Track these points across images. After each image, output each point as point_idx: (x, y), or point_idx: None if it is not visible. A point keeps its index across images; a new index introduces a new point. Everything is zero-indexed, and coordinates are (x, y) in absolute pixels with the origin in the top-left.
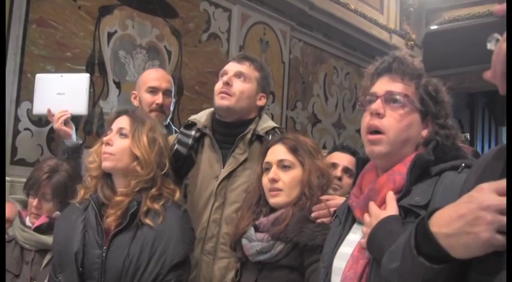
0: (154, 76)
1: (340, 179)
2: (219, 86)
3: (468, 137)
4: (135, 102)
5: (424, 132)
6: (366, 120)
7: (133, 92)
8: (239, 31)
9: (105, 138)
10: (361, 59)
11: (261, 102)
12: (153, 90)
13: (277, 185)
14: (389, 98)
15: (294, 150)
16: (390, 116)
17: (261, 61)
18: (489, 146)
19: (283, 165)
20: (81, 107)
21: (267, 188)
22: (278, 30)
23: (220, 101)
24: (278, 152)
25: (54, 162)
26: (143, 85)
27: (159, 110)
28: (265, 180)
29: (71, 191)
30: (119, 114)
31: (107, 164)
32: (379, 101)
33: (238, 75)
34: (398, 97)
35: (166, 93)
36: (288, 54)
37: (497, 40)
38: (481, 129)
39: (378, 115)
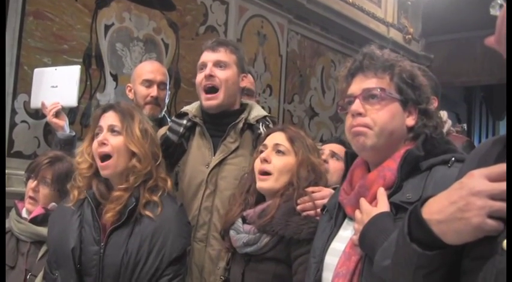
0: (149, 69)
1: (325, 161)
2: (201, 79)
3: (465, 127)
4: (130, 95)
5: (409, 120)
6: (349, 122)
7: (129, 84)
8: (236, 24)
9: (98, 139)
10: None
11: (243, 83)
12: (148, 83)
13: (267, 167)
14: (366, 96)
15: (291, 140)
16: (371, 113)
17: (232, 41)
18: None
19: (278, 150)
20: (71, 98)
21: (257, 168)
22: (275, 24)
23: (208, 102)
24: (276, 138)
25: (60, 153)
26: (138, 78)
27: (154, 103)
28: (257, 161)
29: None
30: (104, 110)
31: (106, 173)
32: (357, 101)
33: (218, 64)
34: (374, 92)
35: (161, 85)
36: (286, 47)
37: (501, 5)
38: (478, 123)
39: (360, 115)
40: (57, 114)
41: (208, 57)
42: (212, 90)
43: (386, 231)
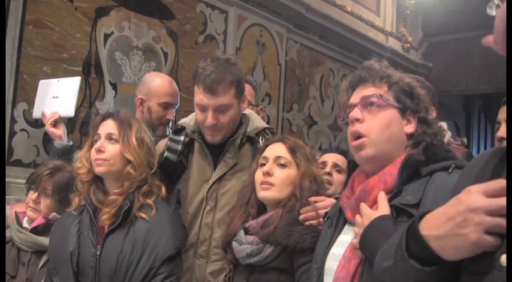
0: (171, 91)
1: (329, 174)
2: (203, 120)
3: (465, 141)
4: (141, 109)
5: (408, 128)
6: (349, 129)
7: (140, 97)
8: (235, 33)
9: (96, 146)
10: (358, 61)
11: (244, 107)
12: (167, 105)
13: (270, 179)
14: (364, 103)
15: (292, 151)
16: (369, 119)
17: (229, 60)
18: (485, 149)
19: (279, 163)
20: (69, 108)
21: (259, 181)
22: (274, 32)
23: (210, 138)
24: (277, 150)
25: (60, 163)
26: (156, 97)
27: (167, 124)
28: (258, 173)
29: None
30: (103, 118)
31: (100, 170)
32: (356, 108)
33: (219, 109)
34: (372, 99)
35: (174, 107)
36: (285, 56)
37: (498, 5)
38: (477, 132)
39: (358, 121)
40: (55, 124)
41: (208, 101)
42: (215, 129)
43: (386, 234)
